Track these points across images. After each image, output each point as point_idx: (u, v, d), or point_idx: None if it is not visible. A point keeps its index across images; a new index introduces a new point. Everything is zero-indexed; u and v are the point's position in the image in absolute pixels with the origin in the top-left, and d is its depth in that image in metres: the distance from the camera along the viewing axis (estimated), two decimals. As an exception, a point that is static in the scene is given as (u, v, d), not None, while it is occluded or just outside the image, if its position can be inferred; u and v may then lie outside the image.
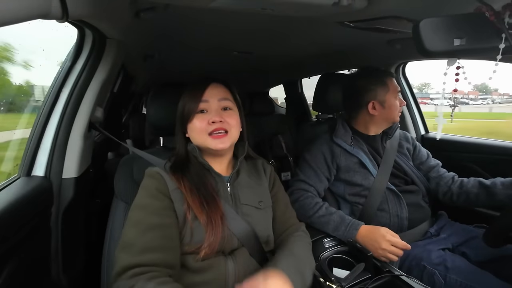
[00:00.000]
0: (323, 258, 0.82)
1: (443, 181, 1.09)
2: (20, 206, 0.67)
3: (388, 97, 1.08)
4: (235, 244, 0.66)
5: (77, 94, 0.87)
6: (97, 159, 1.26)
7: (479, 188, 1.00)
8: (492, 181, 0.99)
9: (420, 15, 0.58)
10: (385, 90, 1.08)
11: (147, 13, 0.79)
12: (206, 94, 0.70)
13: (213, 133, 0.68)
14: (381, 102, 1.09)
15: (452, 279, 0.80)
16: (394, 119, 1.10)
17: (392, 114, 1.08)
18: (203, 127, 0.69)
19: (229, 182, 0.72)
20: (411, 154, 1.17)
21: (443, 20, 0.55)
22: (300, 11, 0.78)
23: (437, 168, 1.13)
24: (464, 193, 1.03)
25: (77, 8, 0.57)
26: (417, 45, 0.56)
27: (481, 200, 1.00)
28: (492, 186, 0.97)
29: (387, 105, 1.08)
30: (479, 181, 1.02)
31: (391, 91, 1.08)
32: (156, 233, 0.59)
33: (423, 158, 1.16)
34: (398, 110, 1.09)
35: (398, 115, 1.10)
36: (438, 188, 1.10)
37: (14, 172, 0.85)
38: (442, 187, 1.09)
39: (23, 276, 0.67)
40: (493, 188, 0.96)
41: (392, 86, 1.09)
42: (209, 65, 1.82)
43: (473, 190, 1.01)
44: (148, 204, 0.63)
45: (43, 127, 0.84)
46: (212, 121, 0.68)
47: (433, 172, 1.13)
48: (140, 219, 0.61)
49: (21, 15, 0.44)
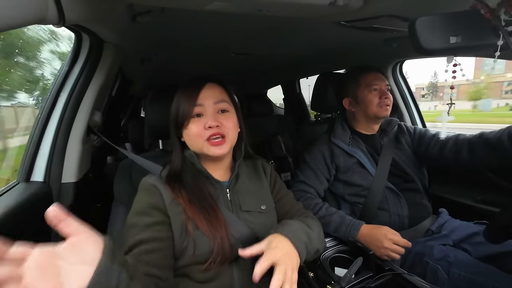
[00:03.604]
0: (324, 258, 0.82)
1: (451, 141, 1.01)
2: (19, 212, 0.67)
3: (360, 92, 1.09)
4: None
5: (75, 98, 0.87)
6: (96, 163, 1.25)
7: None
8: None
9: (416, 14, 0.58)
10: (355, 84, 1.10)
11: (143, 16, 0.79)
12: (201, 96, 0.67)
13: (210, 138, 0.65)
14: (354, 98, 1.11)
15: (456, 274, 0.80)
16: (376, 114, 1.07)
17: (370, 109, 1.07)
18: (200, 132, 0.65)
19: (228, 188, 0.71)
20: (412, 144, 1.13)
21: (439, 18, 0.56)
22: (296, 12, 0.78)
23: (438, 134, 1.08)
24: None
25: (74, 13, 0.57)
26: (414, 43, 0.57)
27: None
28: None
29: (360, 100, 1.09)
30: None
31: (363, 85, 1.08)
32: (136, 249, 0.56)
33: (425, 135, 1.10)
34: (379, 103, 1.06)
35: (381, 110, 1.06)
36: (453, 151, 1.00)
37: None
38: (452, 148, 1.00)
39: None
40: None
41: (365, 80, 1.09)
42: (207, 67, 1.82)
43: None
44: (136, 223, 0.61)
45: (42, 132, 0.84)
46: (208, 126, 0.65)
47: (441, 138, 1.04)
48: (127, 239, 0.59)
49: (18, 20, 0.44)
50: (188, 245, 0.60)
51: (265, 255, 0.54)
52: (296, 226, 0.65)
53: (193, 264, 0.61)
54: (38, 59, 1.37)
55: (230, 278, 0.62)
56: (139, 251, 0.56)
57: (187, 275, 0.61)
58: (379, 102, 1.06)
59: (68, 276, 0.34)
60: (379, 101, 1.06)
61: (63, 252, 0.35)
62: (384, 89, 1.08)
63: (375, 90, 1.07)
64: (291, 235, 0.60)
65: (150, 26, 0.89)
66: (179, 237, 0.61)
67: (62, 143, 0.85)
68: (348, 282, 0.71)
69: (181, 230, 0.61)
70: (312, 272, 0.74)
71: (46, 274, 0.33)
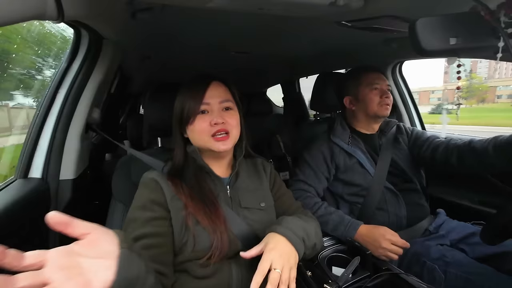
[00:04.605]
0: (322, 257, 0.83)
1: (442, 146, 1.01)
2: (17, 209, 0.67)
3: (361, 90, 1.08)
4: (238, 247, 0.65)
5: (74, 95, 0.86)
6: (95, 161, 1.25)
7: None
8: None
9: (416, 15, 0.58)
10: (357, 83, 1.10)
11: (143, 13, 0.79)
12: (207, 96, 0.68)
13: (216, 134, 0.67)
14: (355, 96, 1.10)
15: (452, 273, 0.80)
16: (376, 113, 1.07)
17: (370, 107, 1.07)
18: (205, 128, 0.67)
19: (228, 185, 0.72)
20: (409, 143, 1.13)
21: (439, 19, 0.56)
22: (297, 11, 0.78)
23: (433, 137, 1.08)
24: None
25: (73, 9, 0.57)
26: (413, 44, 0.57)
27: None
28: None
29: (361, 98, 1.08)
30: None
31: (364, 83, 1.08)
32: (136, 245, 0.57)
33: (421, 137, 1.11)
34: (380, 102, 1.06)
35: (382, 109, 1.06)
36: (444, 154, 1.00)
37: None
38: (443, 152, 1.00)
39: None
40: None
41: (366, 79, 1.08)
42: (206, 65, 1.82)
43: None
44: (137, 217, 0.61)
45: (40, 129, 0.84)
46: (214, 122, 0.66)
47: (434, 142, 1.05)
48: (129, 232, 0.59)
49: (16, 16, 0.43)
50: (188, 240, 0.61)
51: (263, 257, 0.55)
52: (293, 221, 0.65)
53: (192, 259, 0.61)
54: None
55: (228, 274, 0.62)
56: (141, 245, 0.57)
57: (186, 271, 0.61)
58: (379, 101, 1.06)
59: (92, 272, 0.34)
60: (380, 100, 1.06)
61: (81, 249, 0.35)
62: (385, 89, 1.08)
63: (376, 89, 1.07)
64: (288, 233, 0.61)
65: (150, 24, 0.88)
66: (179, 232, 0.61)
67: (60, 139, 0.84)
68: (345, 282, 0.71)
69: (181, 226, 0.62)
70: (310, 271, 0.75)
71: (72, 274, 0.32)
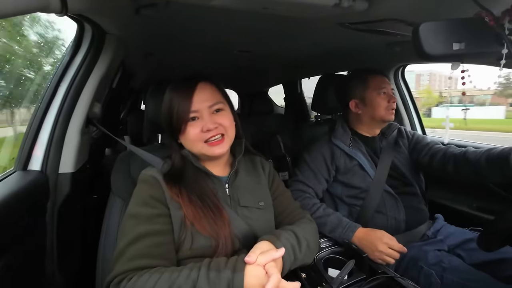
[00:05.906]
0: (318, 258, 0.83)
1: (440, 153, 1.02)
2: (15, 201, 0.67)
3: (369, 94, 1.07)
4: (237, 246, 0.65)
5: (75, 89, 0.86)
6: (95, 155, 1.25)
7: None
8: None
9: (420, 19, 0.58)
10: (364, 86, 1.08)
11: (147, 9, 0.79)
12: (194, 101, 0.65)
13: (209, 140, 0.65)
14: (362, 100, 1.09)
15: (449, 279, 0.80)
16: (382, 117, 1.07)
17: (377, 111, 1.06)
18: (198, 135, 0.65)
19: (227, 183, 0.71)
20: (409, 147, 1.13)
21: (443, 24, 0.55)
22: (301, 12, 0.78)
23: (433, 143, 1.09)
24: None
25: (77, 2, 0.57)
26: (416, 48, 0.57)
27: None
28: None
29: (368, 102, 1.07)
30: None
31: (372, 87, 1.07)
32: (146, 241, 0.57)
33: (421, 142, 1.12)
34: (387, 107, 1.06)
35: (388, 113, 1.06)
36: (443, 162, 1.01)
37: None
38: (440, 160, 1.01)
39: (17, 272, 0.67)
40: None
41: (374, 82, 1.07)
42: (208, 63, 1.82)
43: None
44: (139, 213, 0.61)
45: (40, 122, 0.84)
46: (206, 129, 0.64)
47: (433, 148, 1.06)
48: (130, 229, 0.59)
49: (20, 7, 0.43)
50: (185, 238, 0.61)
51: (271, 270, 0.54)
52: (282, 242, 0.62)
53: (190, 257, 0.61)
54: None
55: None
56: (150, 243, 0.57)
57: None
58: (387, 106, 1.06)
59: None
60: (387, 104, 1.06)
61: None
62: (391, 93, 1.08)
63: (384, 94, 1.06)
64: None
65: (154, 20, 0.88)
66: (178, 229, 0.62)
67: (60, 133, 0.84)
68: (340, 284, 0.71)
69: (180, 223, 0.62)
70: (304, 273, 0.75)
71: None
